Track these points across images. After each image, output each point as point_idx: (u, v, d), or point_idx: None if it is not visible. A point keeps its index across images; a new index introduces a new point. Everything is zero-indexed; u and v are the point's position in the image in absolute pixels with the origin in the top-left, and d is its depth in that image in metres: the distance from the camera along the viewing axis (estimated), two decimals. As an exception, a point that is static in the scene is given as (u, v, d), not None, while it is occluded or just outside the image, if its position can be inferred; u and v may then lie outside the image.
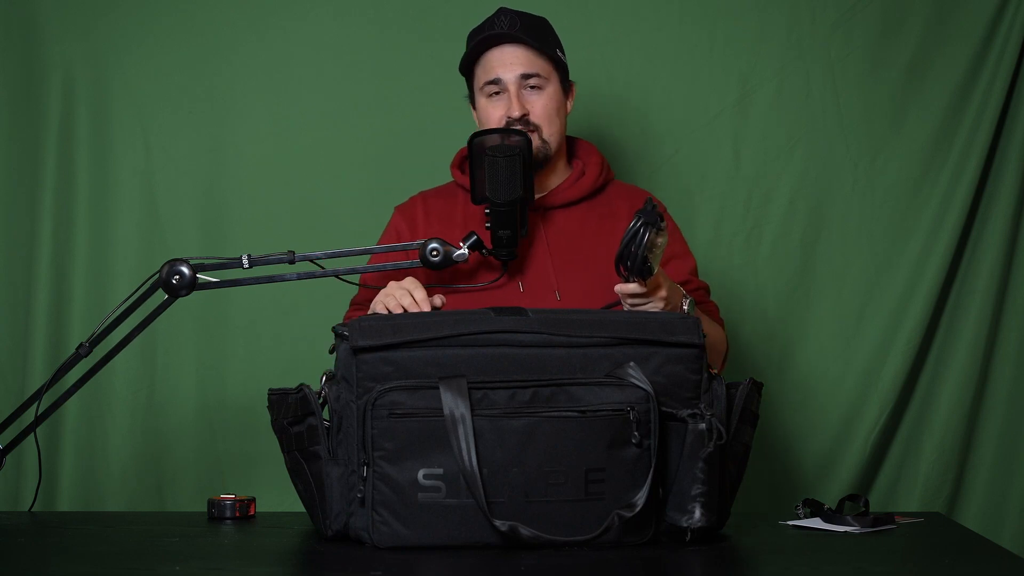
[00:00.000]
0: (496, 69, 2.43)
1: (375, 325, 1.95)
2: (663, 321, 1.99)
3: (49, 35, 2.98)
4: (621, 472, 1.91)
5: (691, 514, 1.90)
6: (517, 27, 2.43)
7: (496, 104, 2.44)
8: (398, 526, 1.90)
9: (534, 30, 2.45)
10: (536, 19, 2.48)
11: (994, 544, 2.02)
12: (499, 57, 2.43)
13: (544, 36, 2.47)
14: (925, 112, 3.06)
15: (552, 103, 2.45)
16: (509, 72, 2.43)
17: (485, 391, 1.90)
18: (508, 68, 2.43)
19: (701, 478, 1.91)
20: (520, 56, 2.43)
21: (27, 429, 2.37)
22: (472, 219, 2.47)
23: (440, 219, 2.48)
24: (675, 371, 1.97)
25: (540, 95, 2.44)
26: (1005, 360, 3.08)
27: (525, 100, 2.43)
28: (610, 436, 1.91)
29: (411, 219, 2.51)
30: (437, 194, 2.55)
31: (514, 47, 2.43)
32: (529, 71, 2.43)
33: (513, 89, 2.42)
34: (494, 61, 2.44)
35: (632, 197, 2.53)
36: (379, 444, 1.90)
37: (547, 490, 1.89)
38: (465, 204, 2.49)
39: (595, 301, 2.33)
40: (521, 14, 2.46)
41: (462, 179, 2.50)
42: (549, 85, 2.45)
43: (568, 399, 1.92)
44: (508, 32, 2.42)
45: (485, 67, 2.45)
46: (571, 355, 1.94)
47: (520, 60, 2.43)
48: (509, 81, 2.43)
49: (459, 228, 2.45)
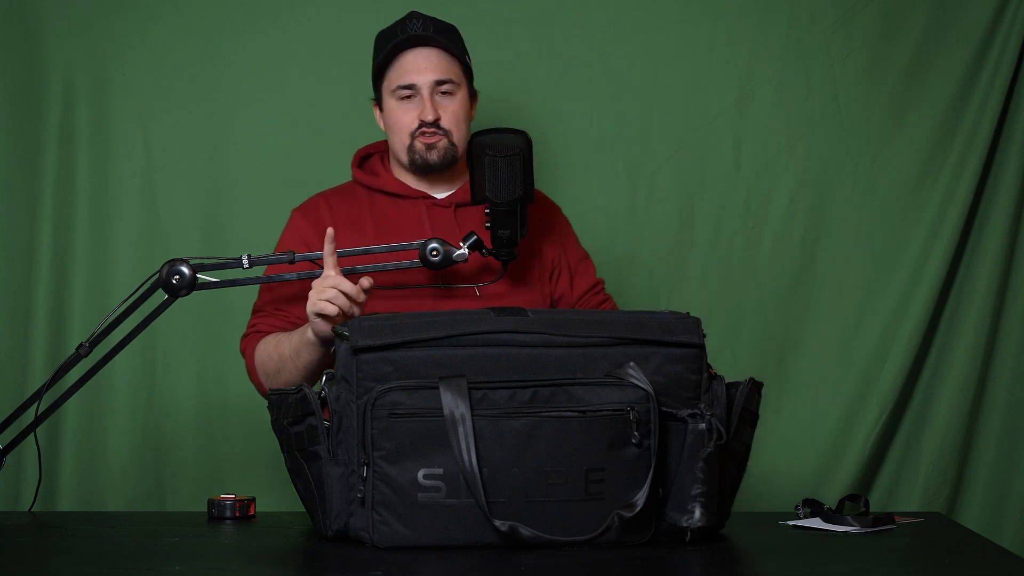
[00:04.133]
0: (411, 73, 2.43)
1: (375, 325, 1.95)
2: (663, 321, 1.99)
3: (49, 35, 2.98)
4: (621, 472, 1.91)
5: (691, 514, 1.90)
6: (431, 30, 2.43)
7: (408, 107, 2.44)
8: (398, 526, 1.90)
9: (447, 35, 2.46)
10: (447, 25, 2.48)
11: (994, 544, 2.02)
12: (413, 61, 2.43)
13: (456, 41, 2.47)
14: (925, 112, 3.06)
15: (462, 109, 2.46)
16: (423, 76, 2.43)
17: (485, 391, 1.90)
18: (423, 73, 2.43)
19: (701, 478, 1.91)
20: (434, 60, 2.43)
21: (27, 429, 2.37)
22: (381, 217, 2.46)
23: (348, 223, 2.46)
24: (675, 371, 1.97)
25: (452, 100, 2.45)
26: (1005, 360, 3.08)
27: (438, 104, 2.43)
28: (610, 436, 1.91)
29: (316, 221, 2.47)
30: (337, 194, 2.53)
31: (429, 50, 2.43)
32: (443, 77, 2.43)
33: (426, 93, 2.43)
34: (408, 65, 2.44)
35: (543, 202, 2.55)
36: (379, 444, 1.90)
37: (547, 490, 1.89)
38: (370, 203, 2.49)
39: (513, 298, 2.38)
40: (432, 19, 2.46)
41: (364, 178, 2.50)
42: (459, 91, 2.46)
43: (568, 399, 1.92)
44: (423, 34, 2.43)
45: (399, 70, 2.44)
46: (571, 355, 1.94)
47: (434, 65, 2.43)
48: (423, 85, 2.43)
49: (368, 228, 2.45)
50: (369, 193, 2.50)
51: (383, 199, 2.49)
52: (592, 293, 2.56)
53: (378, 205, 2.48)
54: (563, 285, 2.53)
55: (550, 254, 2.53)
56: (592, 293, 2.56)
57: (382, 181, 2.50)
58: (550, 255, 2.53)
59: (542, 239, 2.52)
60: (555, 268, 2.53)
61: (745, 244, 3.06)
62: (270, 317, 2.45)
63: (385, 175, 2.51)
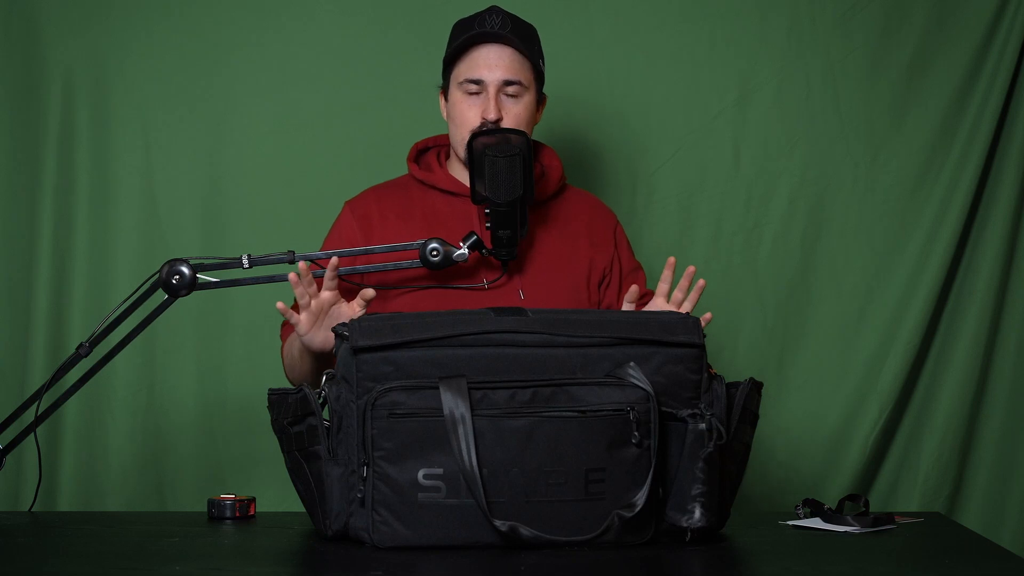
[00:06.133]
0: (480, 68, 2.42)
1: (375, 325, 1.95)
2: (663, 321, 1.99)
3: (49, 35, 2.98)
4: (621, 472, 1.91)
5: (691, 514, 1.90)
6: (508, 28, 2.42)
7: (472, 103, 2.43)
8: (398, 526, 1.90)
9: (523, 35, 2.44)
10: (526, 25, 2.47)
11: (994, 544, 2.02)
12: (485, 57, 2.42)
13: (531, 43, 2.46)
14: (925, 112, 3.06)
15: (526, 112, 2.44)
16: (492, 73, 2.41)
17: (485, 391, 1.90)
18: (492, 70, 2.41)
19: (701, 478, 1.91)
20: (506, 59, 2.42)
21: (27, 429, 2.37)
22: (431, 213, 2.46)
23: (397, 215, 2.47)
24: (675, 371, 1.97)
25: (517, 103, 2.43)
26: (1005, 360, 3.08)
27: (502, 105, 2.42)
28: (610, 436, 1.91)
29: (364, 216, 2.48)
30: (390, 188, 2.53)
31: (502, 48, 2.42)
32: (512, 78, 2.41)
33: (492, 91, 2.41)
34: (480, 60, 2.42)
35: (587, 201, 2.56)
36: (379, 444, 1.90)
37: (547, 490, 1.89)
38: (422, 198, 2.49)
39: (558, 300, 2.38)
40: (513, 16, 2.45)
41: (419, 172, 2.50)
42: (527, 94, 2.44)
43: (568, 399, 1.92)
44: (499, 32, 2.41)
45: (470, 63, 2.43)
46: (571, 355, 1.94)
47: (505, 64, 2.41)
48: (490, 82, 2.41)
49: (417, 223, 2.45)
50: (422, 188, 2.49)
51: (436, 195, 2.48)
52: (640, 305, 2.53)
53: (430, 200, 2.47)
54: (611, 294, 2.52)
55: (602, 261, 2.52)
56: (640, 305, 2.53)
57: (436, 177, 2.49)
58: (602, 262, 2.52)
59: (595, 246, 2.52)
60: (606, 276, 2.53)
61: (745, 244, 3.06)
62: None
63: (439, 171, 2.51)
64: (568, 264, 2.49)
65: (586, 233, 2.52)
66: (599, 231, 2.54)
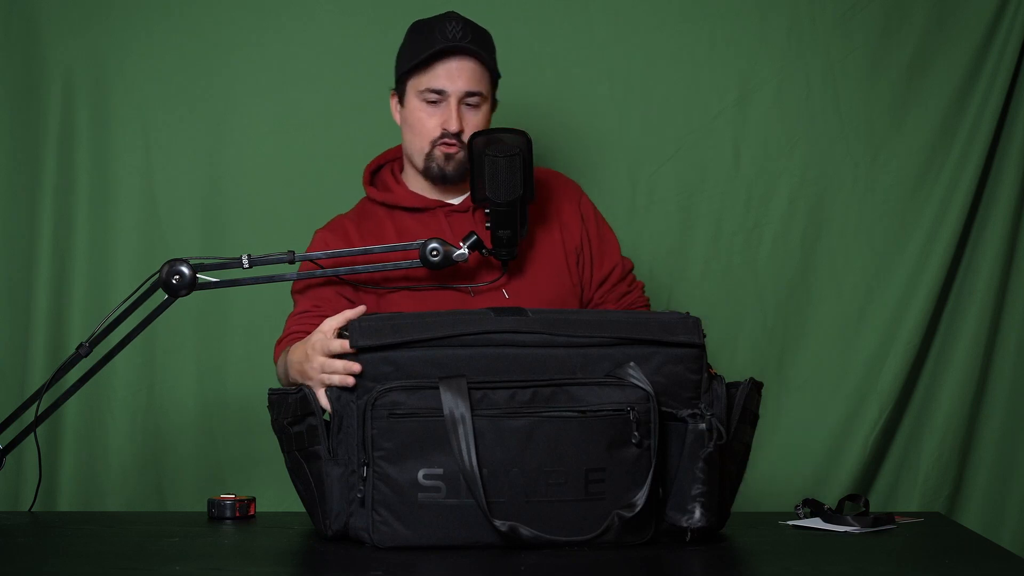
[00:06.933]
0: (442, 79, 2.39)
1: (375, 325, 1.95)
2: (663, 321, 1.99)
3: (49, 35, 2.98)
4: (621, 472, 1.91)
5: (691, 514, 1.91)
6: (469, 38, 2.39)
7: (432, 112, 2.40)
8: (398, 526, 1.90)
9: (482, 43, 2.42)
10: (483, 31, 2.44)
11: (994, 544, 2.02)
12: (448, 68, 2.39)
13: (490, 51, 2.43)
14: (925, 112, 3.06)
15: (484, 122, 2.43)
16: (454, 85, 2.38)
17: (485, 391, 1.90)
18: (454, 81, 2.38)
19: (701, 478, 1.91)
20: (468, 71, 2.39)
21: (27, 429, 2.37)
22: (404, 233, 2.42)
23: (374, 237, 2.43)
24: (675, 371, 1.97)
25: (477, 113, 2.41)
26: (1005, 360, 3.08)
27: (463, 115, 2.40)
28: (610, 436, 1.91)
29: (344, 236, 2.43)
30: (355, 214, 2.49)
31: (465, 60, 2.39)
32: (474, 89, 2.39)
33: (454, 102, 2.39)
34: (442, 71, 2.39)
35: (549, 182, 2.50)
36: (379, 444, 1.90)
37: (547, 490, 1.90)
38: (390, 219, 2.44)
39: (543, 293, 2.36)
40: (471, 23, 2.42)
41: (378, 195, 2.46)
42: (485, 104, 2.42)
43: (568, 399, 1.92)
44: (461, 44, 2.37)
45: (432, 74, 2.39)
46: (571, 355, 1.95)
47: (467, 75, 2.39)
48: (452, 93, 2.38)
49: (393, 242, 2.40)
50: (385, 209, 2.47)
51: (402, 213, 2.46)
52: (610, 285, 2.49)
53: (399, 220, 2.45)
54: (586, 273, 2.48)
55: (572, 241, 2.47)
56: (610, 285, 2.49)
57: (396, 196, 2.46)
58: (573, 241, 2.47)
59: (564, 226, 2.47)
60: (579, 255, 2.48)
61: (745, 244, 3.06)
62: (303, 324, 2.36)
63: (398, 189, 2.48)
64: (545, 255, 2.45)
65: (554, 215, 2.48)
66: (565, 210, 2.49)
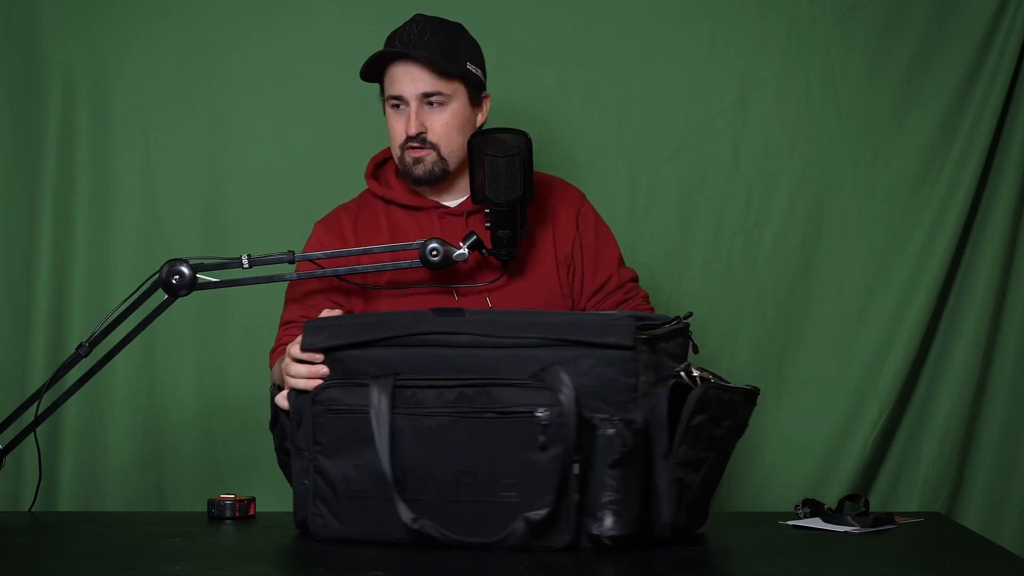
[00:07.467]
0: (397, 84, 2.39)
1: (324, 325, 2.02)
2: (598, 323, 1.94)
3: (49, 35, 2.99)
4: (532, 475, 1.88)
5: (601, 522, 1.87)
6: (426, 38, 2.37)
7: (399, 117, 2.41)
8: (331, 519, 1.97)
9: (443, 44, 2.39)
10: (449, 29, 2.42)
11: (994, 544, 2.02)
12: (399, 73, 2.39)
13: (452, 51, 2.40)
14: (925, 112, 3.06)
15: (455, 120, 2.40)
16: (409, 89, 2.38)
17: (414, 390, 1.93)
18: (409, 85, 2.38)
19: (612, 485, 1.87)
20: (417, 73, 2.38)
21: (27, 429, 2.37)
22: (397, 227, 2.44)
23: (367, 234, 2.44)
24: (604, 373, 1.91)
25: (442, 111, 2.39)
26: (1005, 360, 3.08)
27: (425, 118, 2.39)
28: (522, 439, 1.88)
29: (338, 233, 2.46)
30: (356, 206, 2.50)
31: (411, 64, 2.38)
32: (430, 90, 2.38)
33: (413, 106, 2.38)
34: (396, 76, 2.39)
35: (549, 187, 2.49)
36: (318, 439, 1.98)
37: (460, 491, 1.90)
38: (386, 213, 2.46)
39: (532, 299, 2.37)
40: (434, 23, 2.40)
41: (378, 189, 2.48)
42: (453, 102, 2.40)
43: (488, 400, 1.91)
44: (407, 50, 2.36)
45: (390, 80, 2.40)
46: (501, 356, 1.93)
47: (419, 77, 2.38)
48: (410, 97, 2.38)
49: (385, 238, 2.42)
50: (384, 203, 2.48)
51: (398, 209, 2.47)
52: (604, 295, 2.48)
53: (394, 216, 2.46)
54: (576, 282, 2.47)
55: (564, 248, 2.46)
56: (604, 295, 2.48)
57: (394, 192, 2.47)
58: (564, 249, 2.46)
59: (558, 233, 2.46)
60: (570, 263, 2.47)
61: (745, 244, 3.06)
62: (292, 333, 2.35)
63: (397, 186, 2.49)
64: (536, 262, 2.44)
65: (549, 221, 2.47)
66: (561, 218, 2.48)
